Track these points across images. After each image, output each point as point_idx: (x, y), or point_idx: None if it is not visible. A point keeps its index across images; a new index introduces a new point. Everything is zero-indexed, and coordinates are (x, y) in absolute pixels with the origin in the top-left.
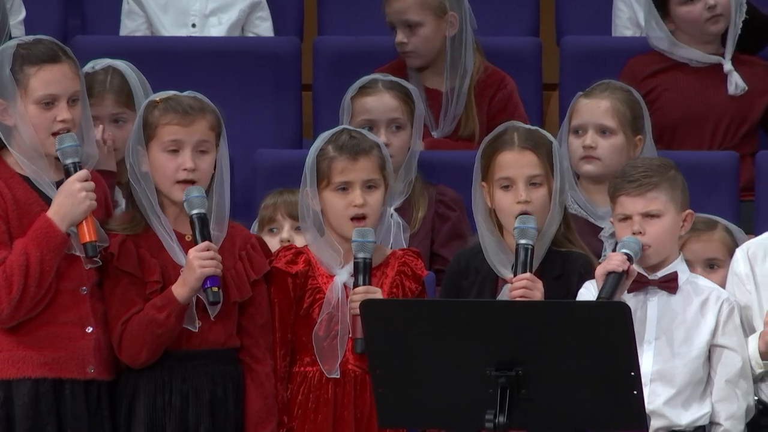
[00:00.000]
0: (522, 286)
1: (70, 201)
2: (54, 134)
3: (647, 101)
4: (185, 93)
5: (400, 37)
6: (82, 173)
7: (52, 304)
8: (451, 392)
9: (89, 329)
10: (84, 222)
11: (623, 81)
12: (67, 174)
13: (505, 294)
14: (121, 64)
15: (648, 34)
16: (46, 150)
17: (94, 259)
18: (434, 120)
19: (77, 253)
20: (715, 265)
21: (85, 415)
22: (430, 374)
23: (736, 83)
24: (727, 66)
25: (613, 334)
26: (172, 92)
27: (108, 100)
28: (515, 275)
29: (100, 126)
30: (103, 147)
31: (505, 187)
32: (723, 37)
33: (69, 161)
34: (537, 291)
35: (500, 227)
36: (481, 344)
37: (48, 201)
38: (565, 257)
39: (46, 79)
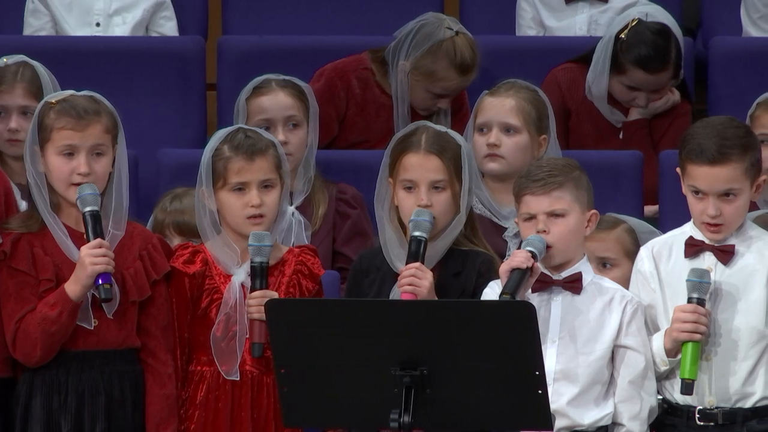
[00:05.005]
0: (410, 275)
1: None
2: None
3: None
4: (81, 93)
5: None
6: None
7: None
8: (356, 392)
9: None
10: None
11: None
12: None
13: (397, 291)
14: (35, 62)
15: (591, 76)
16: None
17: None
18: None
19: None
20: (608, 264)
21: None
22: (335, 374)
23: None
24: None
25: (517, 334)
26: (68, 92)
27: (18, 90)
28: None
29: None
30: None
31: (408, 188)
32: None
33: None
34: (425, 280)
35: (402, 226)
36: (385, 343)
37: None
38: (465, 255)
39: None
